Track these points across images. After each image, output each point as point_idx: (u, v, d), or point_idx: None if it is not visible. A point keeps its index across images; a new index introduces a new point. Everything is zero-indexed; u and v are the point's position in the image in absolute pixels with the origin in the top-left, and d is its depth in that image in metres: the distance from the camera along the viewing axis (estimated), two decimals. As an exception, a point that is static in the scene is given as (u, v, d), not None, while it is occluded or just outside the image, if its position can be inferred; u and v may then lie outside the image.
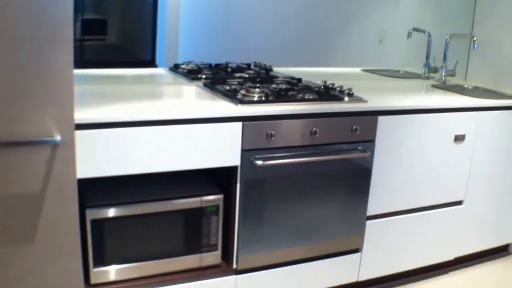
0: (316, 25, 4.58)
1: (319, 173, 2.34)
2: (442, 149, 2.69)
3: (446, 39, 3.31)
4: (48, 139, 1.73)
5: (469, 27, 3.45)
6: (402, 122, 2.51)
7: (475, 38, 3.17)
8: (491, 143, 2.85)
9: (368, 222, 2.56)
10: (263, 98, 2.25)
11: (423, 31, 3.40)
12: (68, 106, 1.76)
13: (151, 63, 3.66)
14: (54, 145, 1.75)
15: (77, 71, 2.71)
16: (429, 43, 3.40)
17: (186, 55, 4.10)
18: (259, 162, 2.14)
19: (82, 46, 3.28)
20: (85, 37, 3.28)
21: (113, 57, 3.54)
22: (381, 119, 2.43)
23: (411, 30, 3.39)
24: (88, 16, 3.44)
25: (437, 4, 3.64)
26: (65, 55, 1.71)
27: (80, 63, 3.15)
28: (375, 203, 2.55)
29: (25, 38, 1.63)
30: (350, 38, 4.08)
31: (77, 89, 2.26)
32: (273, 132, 2.16)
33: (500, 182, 2.98)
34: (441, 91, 3.04)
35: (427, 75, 3.43)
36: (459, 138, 2.72)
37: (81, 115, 1.84)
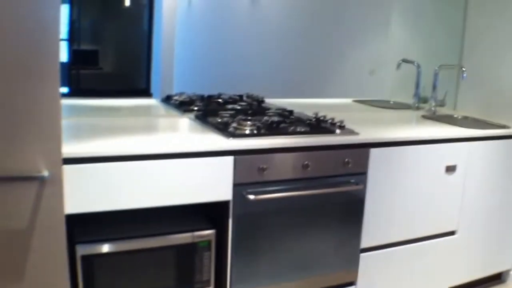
0: (308, 57, 4.63)
1: (311, 206, 2.33)
2: (434, 180, 2.69)
3: (435, 70, 3.34)
4: (35, 174, 1.71)
5: (457, 58, 3.49)
6: (393, 154, 2.51)
7: (463, 69, 3.20)
8: (482, 173, 2.86)
9: (362, 255, 2.54)
10: (255, 132, 2.25)
11: (412, 62, 3.43)
12: (56, 141, 1.73)
13: (146, 92, 3.67)
14: (42, 180, 1.72)
15: (68, 102, 2.72)
16: (418, 74, 3.44)
17: (180, 84, 4.12)
18: (251, 197, 2.13)
19: (78, 75, 3.29)
20: (77, 67, 3.29)
21: (108, 85, 3.55)
22: (373, 151, 2.43)
23: (400, 61, 3.43)
24: (84, 45, 3.46)
25: (426, 36, 3.69)
26: (52, 89, 1.69)
27: (76, 92, 3.15)
28: (368, 236, 2.54)
29: (10, 72, 1.61)
30: (342, 69, 4.11)
31: (68, 121, 2.25)
32: (265, 166, 2.15)
33: (492, 211, 2.98)
34: (431, 121, 3.05)
35: (417, 105, 3.45)
36: (450, 169, 2.72)
37: (70, 149, 1.82)
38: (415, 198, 2.65)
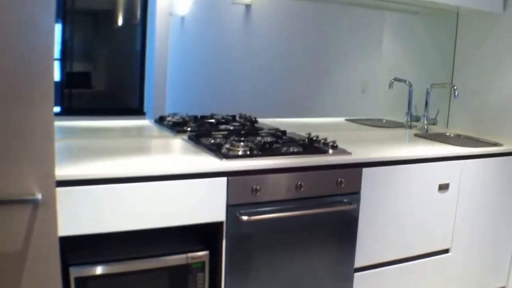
0: (301, 76, 4.65)
1: (305, 226, 2.33)
2: (427, 198, 2.70)
3: (427, 89, 3.37)
4: (28, 198, 1.70)
5: (449, 76, 3.52)
6: (386, 173, 2.52)
7: (455, 87, 3.23)
8: (475, 191, 2.87)
9: (356, 274, 2.54)
10: (248, 153, 2.25)
11: (404, 81, 3.46)
12: (49, 164, 1.73)
13: (139, 111, 3.68)
14: (35, 203, 1.72)
15: (61, 123, 2.72)
16: (410, 93, 3.46)
17: (173, 102, 4.13)
18: (245, 218, 2.13)
19: (70, 94, 3.30)
20: (70, 91, 3.29)
21: (101, 105, 3.57)
22: (366, 171, 2.44)
23: (392, 80, 3.45)
24: (76, 65, 3.47)
25: (417, 54, 3.72)
26: (46, 111, 1.70)
27: (68, 111, 3.16)
28: (362, 255, 2.53)
29: (4, 95, 1.62)
30: (335, 88, 4.14)
31: (61, 143, 2.26)
32: (258, 187, 2.16)
33: (485, 229, 2.99)
34: (423, 140, 3.07)
35: (409, 123, 3.47)
36: (443, 187, 2.74)
37: (63, 171, 1.82)
38: (408, 217, 2.65)
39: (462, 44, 3.45)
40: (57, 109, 3.01)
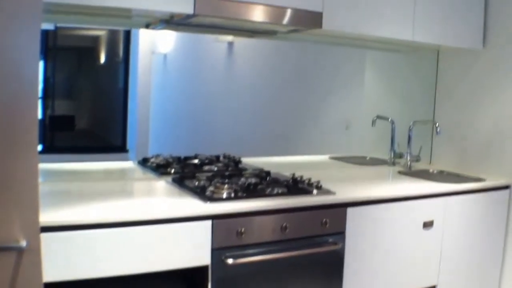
0: (284, 114, 4.68)
1: (291, 268, 2.31)
2: (412, 236, 2.70)
3: (410, 125, 3.40)
4: (13, 245, 1.68)
5: (431, 112, 3.56)
6: (371, 212, 2.52)
7: (437, 124, 3.27)
8: (459, 227, 2.88)
9: (343, 315, 2.52)
10: (232, 195, 2.24)
11: (387, 119, 3.49)
12: (34, 211, 1.72)
13: (122, 148, 3.66)
14: (20, 251, 1.69)
15: (44, 166, 2.71)
16: (393, 130, 3.49)
17: (156, 140, 4.13)
18: (230, 261, 2.11)
19: (53, 133, 3.28)
20: (53, 133, 3.28)
21: (84, 142, 3.55)
22: (350, 210, 2.44)
23: (375, 118, 3.49)
24: (58, 102, 3.46)
25: (399, 91, 3.77)
26: (30, 159, 1.69)
27: (50, 149, 3.14)
28: (349, 295, 2.52)
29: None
30: (318, 125, 4.17)
31: (44, 187, 2.22)
32: (243, 229, 2.14)
33: (471, 264, 2.99)
34: (407, 177, 3.09)
35: (393, 160, 3.49)
36: (428, 225, 2.74)
37: (47, 217, 1.80)
38: (394, 255, 2.65)
39: (443, 81, 3.51)
40: (39, 147, 3.02)
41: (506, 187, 3.06)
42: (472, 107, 3.30)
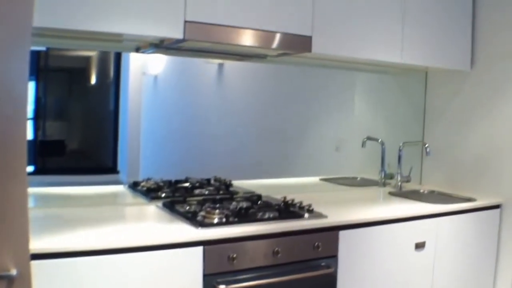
0: (274, 136, 4.67)
1: (283, 292, 2.30)
2: (405, 257, 2.70)
3: (399, 146, 3.41)
4: (2, 274, 1.65)
5: (420, 133, 3.58)
6: (363, 235, 2.52)
7: (426, 145, 3.28)
8: (451, 247, 2.89)
9: None
10: (224, 220, 2.23)
11: (377, 140, 3.50)
12: (24, 239, 1.69)
13: (113, 169, 3.64)
14: (10, 279, 1.67)
15: (37, 190, 2.70)
16: (383, 151, 3.51)
17: (147, 161, 4.11)
18: (222, 287, 2.09)
19: (43, 155, 3.27)
20: (43, 159, 3.26)
21: (75, 164, 3.53)
22: (342, 233, 2.43)
23: (365, 139, 3.50)
24: (49, 123, 3.45)
25: (389, 112, 3.79)
26: (20, 187, 1.67)
27: (41, 170, 3.12)
28: (342, 319, 2.50)
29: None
30: (308, 147, 4.17)
31: (34, 213, 2.21)
32: (235, 255, 2.13)
33: (464, 285, 2.99)
34: (398, 198, 3.09)
35: (383, 181, 3.50)
36: (420, 246, 2.74)
37: (37, 244, 1.79)
38: (386, 277, 2.64)
39: (432, 102, 3.53)
40: (29, 168, 2.99)
41: (497, 206, 3.07)
42: (461, 128, 3.33)
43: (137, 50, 2.78)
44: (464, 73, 3.28)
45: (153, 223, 2.30)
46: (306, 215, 2.43)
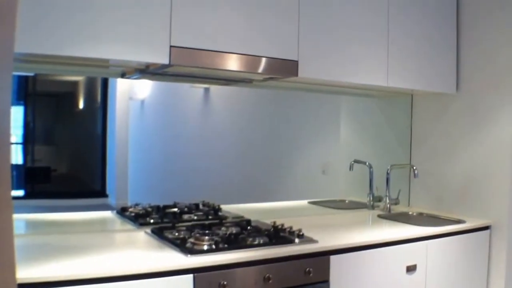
0: (261, 159, 4.67)
1: (275, 319, 2.27)
2: (396, 280, 2.69)
3: (387, 169, 3.42)
4: (-11, 306, 1.63)
5: (407, 156, 3.59)
6: (354, 259, 2.51)
7: (414, 168, 3.29)
8: (442, 269, 2.88)
9: None
10: (213, 246, 2.21)
11: (364, 163, 3.51)
12: (10, 271, 1.66)
13: (102, 193, 3.62)
14: (-5, 311, 1.64)
15: (25, 216, 2.67)
16: (371, 174, 3.51)
17: (135, 184, 4.09)
18: (213, 315, 2.07)
19: (33, 179, 3.24)
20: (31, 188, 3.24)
21: (64, 187, 3.50)
22: (334, 258, 2.42)
23: (353, 162, 3.50)
24: (38, 147, 3.41)
25: (375, 135, 3.80)
26: (4, 217, 1.64)
27: (30, 194, 3.09)
28: None
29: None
30: (295, 170, 4.16)
31: (21, 240, 2.18)
32: (225, 282, 2.10)
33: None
34: (387, 221, 3.09)
35: (372, 204, 3.50)
36: (411, 269, 2.73)
37: (25, 273, 1.76)
38: (378, 301, 2.63)
39: (418, 125, 3.55)
40: (19, 192, 2.98)
41: (486, 227, 3.08)
42: (448, 150, 3.34)
43: (123, 75, 2.77)
44: (450, 96, 3.31)
45: (142, 250, 2.27)
46: (297, 240, 2.41)
